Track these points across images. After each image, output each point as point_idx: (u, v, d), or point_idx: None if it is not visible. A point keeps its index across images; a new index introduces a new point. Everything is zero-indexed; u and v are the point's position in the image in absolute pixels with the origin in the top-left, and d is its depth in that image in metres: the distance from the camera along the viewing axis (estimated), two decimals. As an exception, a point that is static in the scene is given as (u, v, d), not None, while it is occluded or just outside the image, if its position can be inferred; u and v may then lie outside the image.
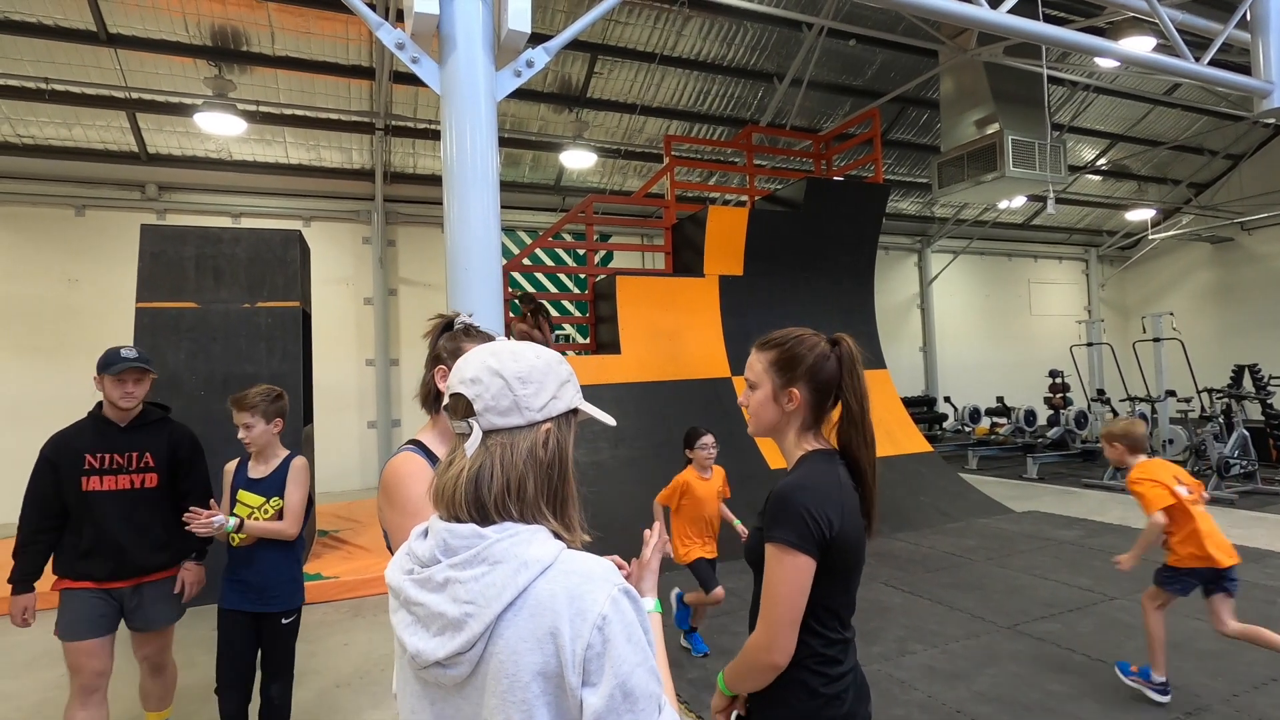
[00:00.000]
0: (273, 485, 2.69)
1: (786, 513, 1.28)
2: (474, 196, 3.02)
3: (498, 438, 0.88)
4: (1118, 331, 17.10)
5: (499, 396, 0.88)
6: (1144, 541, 3.18)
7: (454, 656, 0.80)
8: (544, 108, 9.93)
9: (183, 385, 5.38)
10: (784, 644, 1.27)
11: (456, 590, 0.81)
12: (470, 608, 0.80)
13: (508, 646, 0.79)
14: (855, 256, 8.72)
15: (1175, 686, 3.30)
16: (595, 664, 0.78)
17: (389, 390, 10.71)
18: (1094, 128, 12.78)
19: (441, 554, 0.85)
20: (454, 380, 0.92)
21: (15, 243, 9.06)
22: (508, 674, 0.79)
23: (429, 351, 1.66)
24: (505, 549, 0.82)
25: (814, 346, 1.40)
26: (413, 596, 0.85)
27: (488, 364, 0.90)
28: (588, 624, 0.79)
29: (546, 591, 0.81)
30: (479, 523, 0.85)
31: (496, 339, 1.70)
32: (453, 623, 0.81)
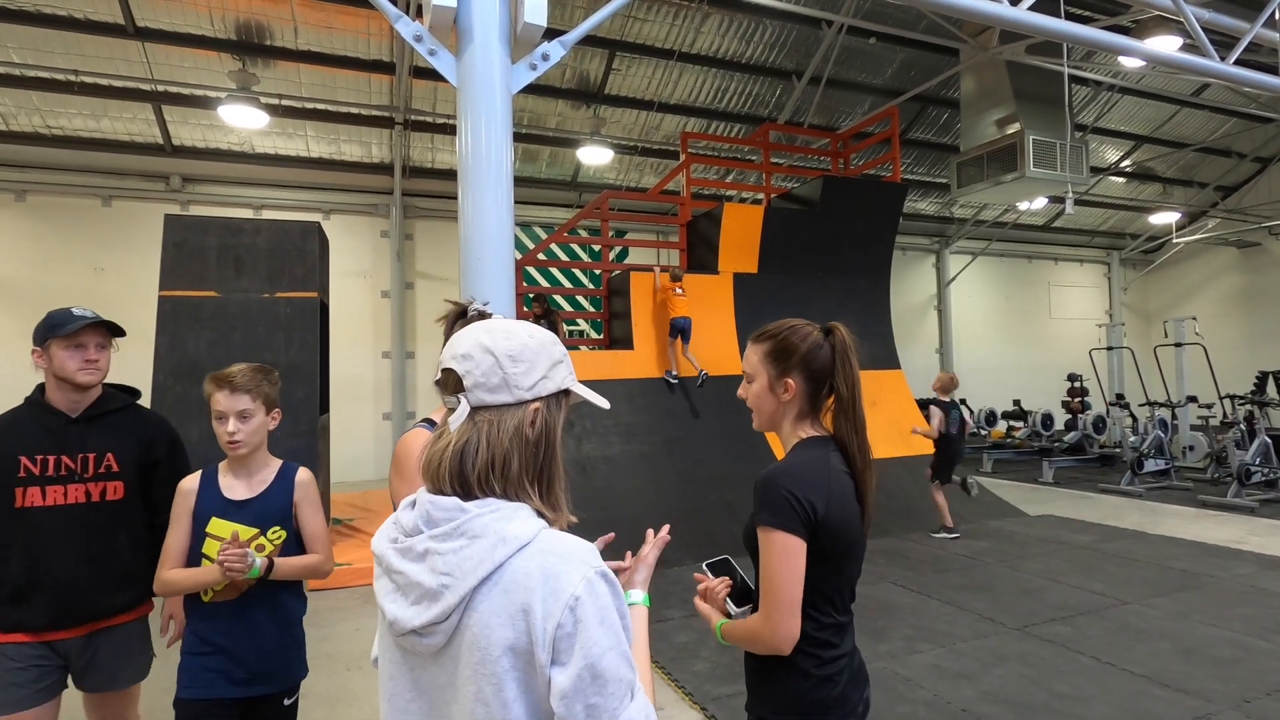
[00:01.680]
0: (268, 509, 1.89)
1: (770, 496, 1.31)
2: (488, 189, 3.06)
3: (485, 414, 0.88)
4: (1139, 336, 16.85)
5: (489, 373, 0.88)
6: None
7: (430, 625, 0.81)
8: (562, 104, 9.97)
9: (202, 373, 5.43)
10: (787, 627, 1.27)
11: (435, 561, 0.82)
12: (447, 579, 0.81)
13: (481, 620, 0.80)
14: (872, 256, 8.67)
15: (1188, 691, 3.26)
16: (565, 643, 0.79)
17: (404, 382, 10.82)
18: (1118, 129, 12.59)
19: (424, 525, 0.86)
20: (446, 355, 0.93)
21: (44, 232, 9.27)
22: (480, 646, 0.80)
23: (444, 338, 1.70)
24: (485, 524, 0.83)
25: (807, 336, 1.42)
26: (394, 564, 0.86)
27: (480, 340, 0.91)
28: (560, 603, 0.79)
29: (522, 569, 0.81)
30: (462, 497, 0.86)
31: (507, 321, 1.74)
32: (429, 593, 0.82)
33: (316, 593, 5.10)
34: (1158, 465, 8.70)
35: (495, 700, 0.79)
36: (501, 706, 0.79)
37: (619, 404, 6.76)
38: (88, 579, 1.95)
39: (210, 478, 1.91)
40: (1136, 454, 8.68)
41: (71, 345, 1.94)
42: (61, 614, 1.94)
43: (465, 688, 0.81)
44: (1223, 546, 5.86)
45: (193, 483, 1.90)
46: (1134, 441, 9.19)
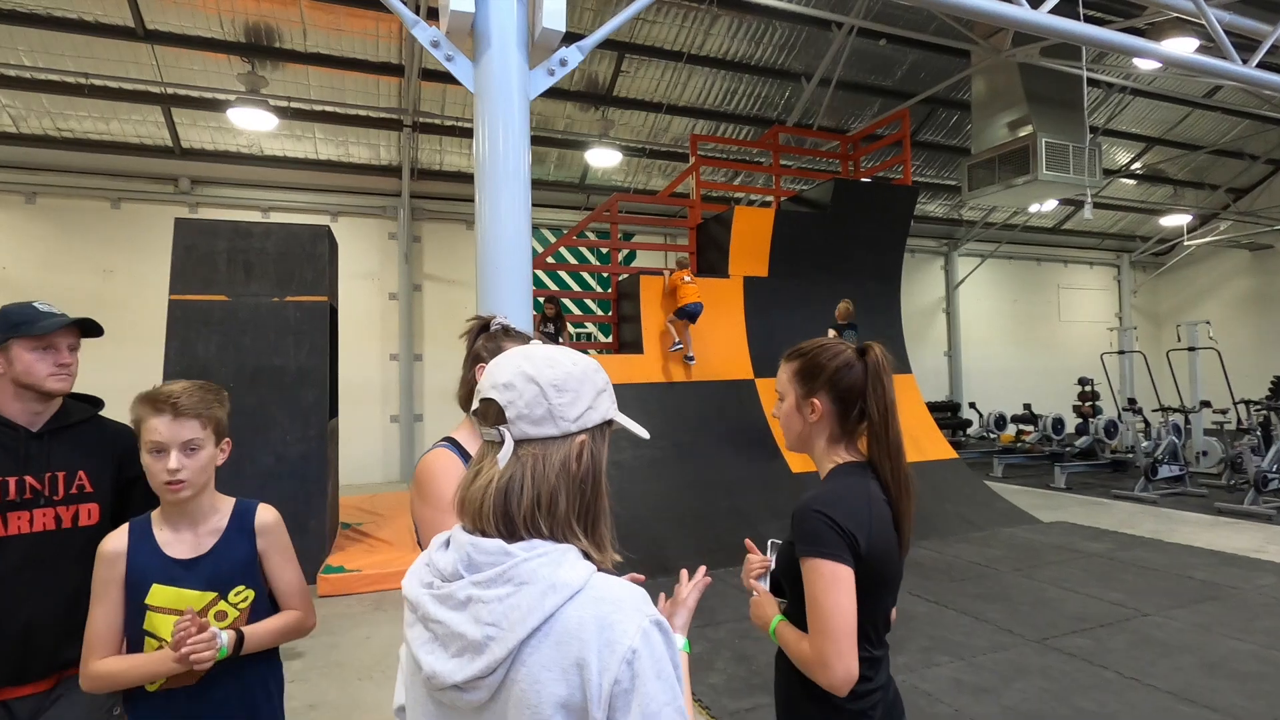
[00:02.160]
0: (226, 565, 1.50)
1: (811, 526, 1.26)
2: (506, 195, 3.02)
3: (530, 448, 0.83)
4: (1149, 339, 16.72)
5: (533, 405, 0.83)
6: None
7: (473, 681, 0.76)
8: (570, 106, 9.94)
9: (213, 377, 5.44)
10: (846, 663, 1.21)
11: (479, 610, 0.77)
12: (493, 630, 0.76)
13: (530, 675, 0.75)
14: (882, 259, 8.61)
15: (1215, 708, 3.20)
16: (622, 700, 0.74)
17: (412, 385, 10.79)
18: (1130, 130, 12.50)
19: (465, 569, 0.80)
20: (485, 384, 0.87)
21: (53, 234, 9.28)
22: (530, 704, 0.74)
23: (467, 351, 1.66)
24: (533, 569, 0.78)
25: (837, 355, 1.37)
26: (432, 613, 0.80)
27: (522, 369, 0.85)
28: (616, 657, 0.74)
29: (575, 618, 0.76)
30: (506, 538, 0.81)
31: (533, 342, 1.69)
32: (473, 645, 0.76)
33: (325, 599, 5.07)
34: (1172, 471, 8.61)
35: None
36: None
37: (629, 408, 6.64)
38: (58, 621, 1.61)
39: (142, 532, 1.47)
40: (1150, 459, 8.60)
41: (40, 347, 1.66)
42: (25, 665, 1.58)
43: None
44: (1242, 555, 5.79)
45: (119, 541, 1.46)
46: (1147, 447, 9.10)
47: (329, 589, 5.16)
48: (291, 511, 5.46)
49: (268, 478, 5.44)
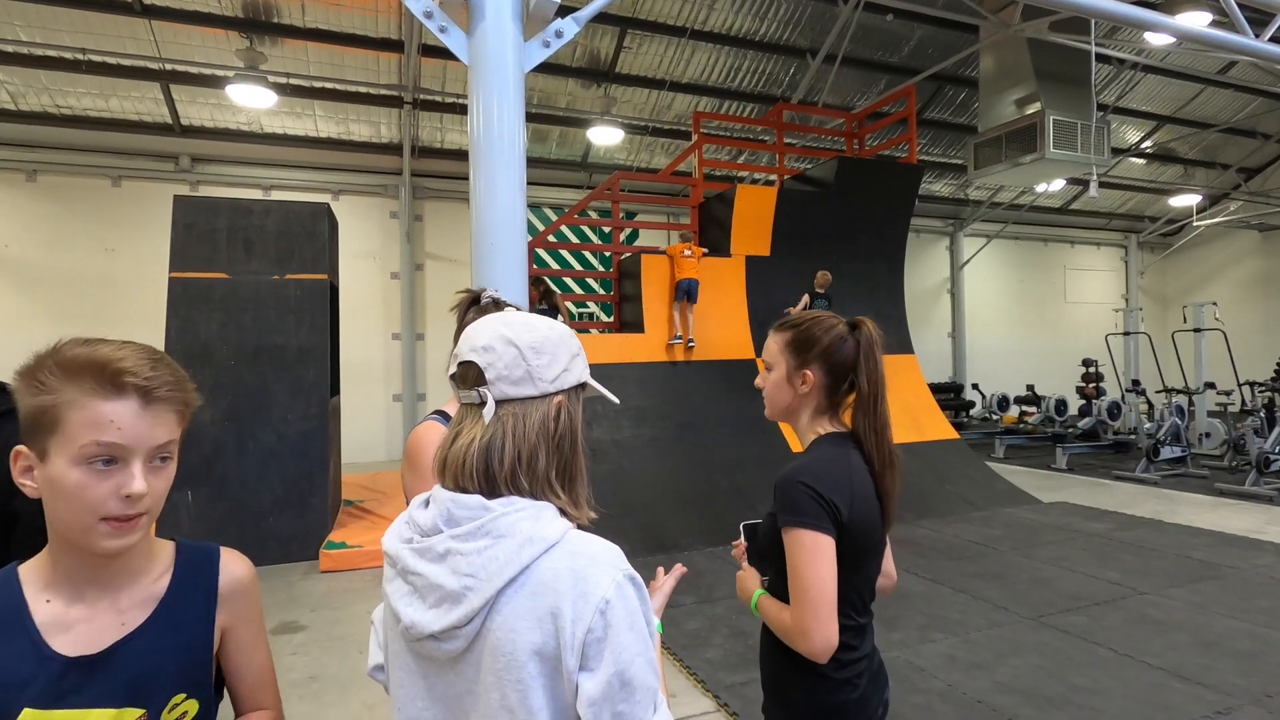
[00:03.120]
0: (157, 661, 0.88)
1: (792, 495, 1.26)
2: (501, 169, 2.99)
3: (510, 408, 0.85)
4: (1156, 321, 16.62)
5: (512, 366, 0.85)
6: None
7: (450, 630, 0.78)
8: (572, 82, 9.82)
9: (214, 355, 5.48)
10: (825, 632, 1.22)
11: (457, 562, 0.79)
12: (471, 581, 0.77)
13: (506, 624, 0.77)
14: (885, 239, 8.54)
15: (1208, 685, 3.22)
16: (595, 648, 0.76)
17: (414, 364, 10.81)
18: (1140, 108, 12.30)
19: (444, 524, 0.82)
20: (464, 348, 0.88)
21: (55, 212, 9.27)
22: (505, 651, 0.77)
23: (458, 324, 1.66)
24: (511, 523, 0.79)
25: (831, 328, 1.37)
26: (411, 566, 0.82)
27: (500, 332, 0.86)
28: (590, 606, 0.76)
29: (550, 570, 0.78)
30: (485, 495, 0.82)
31: (524, 310, 1.69)
32: (451, 595, 0.78)
33: (329, 574, 5.13)
34: (1174, 452, 8.60)
35: (521, 707, 0.76)
36: (527, 713, 0.76)
37: (629, 387, 6.72)
38: None
39: (11, 609, 0.84)
40: (1153, 441, 8.58)
41: None
42: None
43: (488, 694, 0.78)
44: (1241, 536, 5.79)
45: None
46: (1150, 428, 9.08)
47: (331, 564, 5.22)
48: (294, 489, 5.53)
49: (269, 456, 5.49)
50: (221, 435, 5.39)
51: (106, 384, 0.82)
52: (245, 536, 5.35)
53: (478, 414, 0.85)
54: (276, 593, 4.75)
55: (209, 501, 5.31)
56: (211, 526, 5.28)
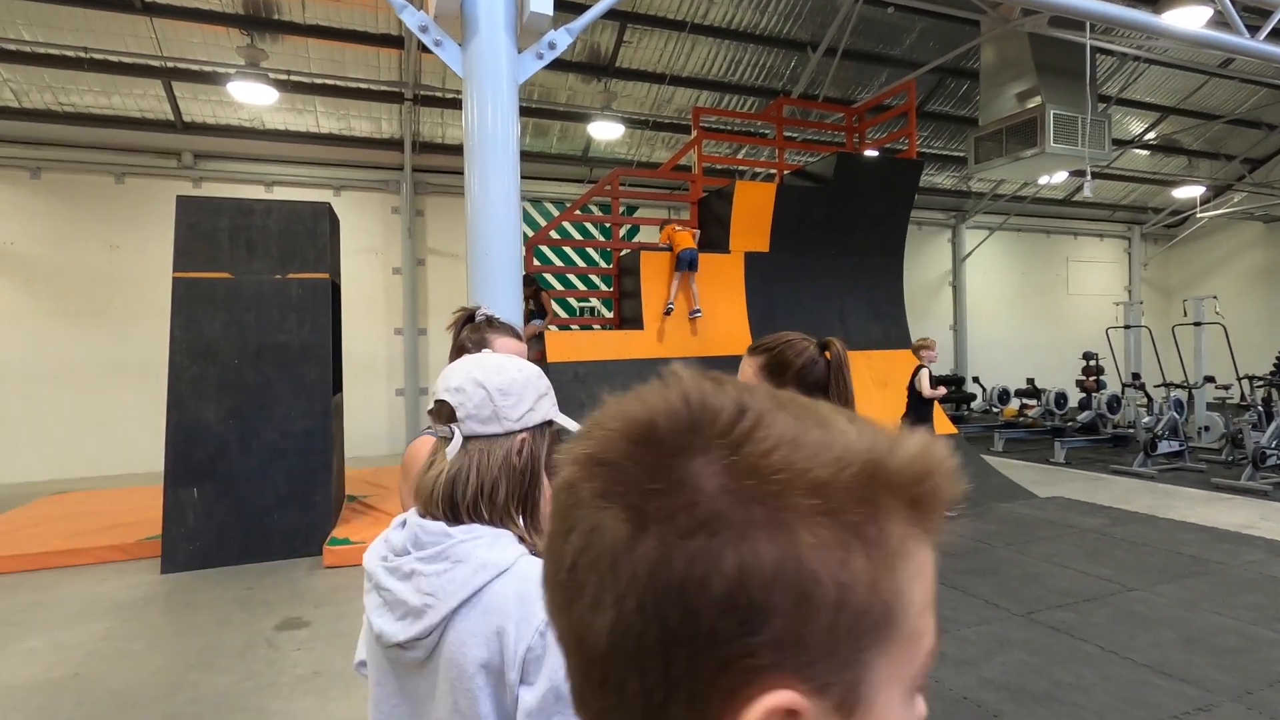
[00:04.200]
0: None
1: None
2: (495, 178, 3.04)
3: (477, 444, 0.94)
4: (1158, 313, 16.59)
5: (481, 406, 0.94)
6: None
7: (413, 640, 0.88)
8: (572, 77, 9.83)
9: (218, 354, 5.56)
10: None
11: (420, 582, 0.89)
12: (430, 599, 0.87)
13: (458, 639, 0.87)
14: (885, 233, 8.56)
15: (1189, 681, 3.29)
16: (534, 665, 0.85)
17: (416, 359, 10.90)
18: (1143, 100, 12.24)
19: (411, 546, 0.92)
20: (440, 387, 0.98)
21: (59, 209, 9.34)
22: (457, 663, 0.87)
23: (453, 342, 1.73)
24: (468, 549, 0.89)
25: (802, 351, 1.44)
26: (382, 582, 0.93)
27: (473, 375, 0.96)
28: (531, 627, 0.85)
29: (500, 594, 0.87)
30: (450, 522, 0.92)
31: (516, 329, 1.77)
32: (414, 610, 0.88)
33: (333, 570, 5.22)
34: (1172, 447, 8.63)
35: (470, 712, 0.86)
36: (476, 719, 0.86)
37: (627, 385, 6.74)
38: None
39: None
40: (1150, 435, 8.62)
41: None
42: None
43: (444, 700, 0.88)
44: (1233, 532, 5.84)
45: None
46: (1148, 422, 9.12)
47: (335, 560, 5.31)
48: (297, 485, 5.62)
49: (273, 453, 5.57)
50: (225, 433, 5.48)
51: None
52: (250, 533, 5.46)
53: (444, 447, 0.95)
54: (281, 588, 4.84)
55: (214, 499, 5.40)
56: (217, 522, 5.38)
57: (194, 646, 3.92)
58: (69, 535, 5.80)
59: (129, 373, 9.32)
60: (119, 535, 5.77)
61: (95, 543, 5.58)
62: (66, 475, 9.15)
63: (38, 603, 4.62)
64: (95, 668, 3.68)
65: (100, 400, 9.27)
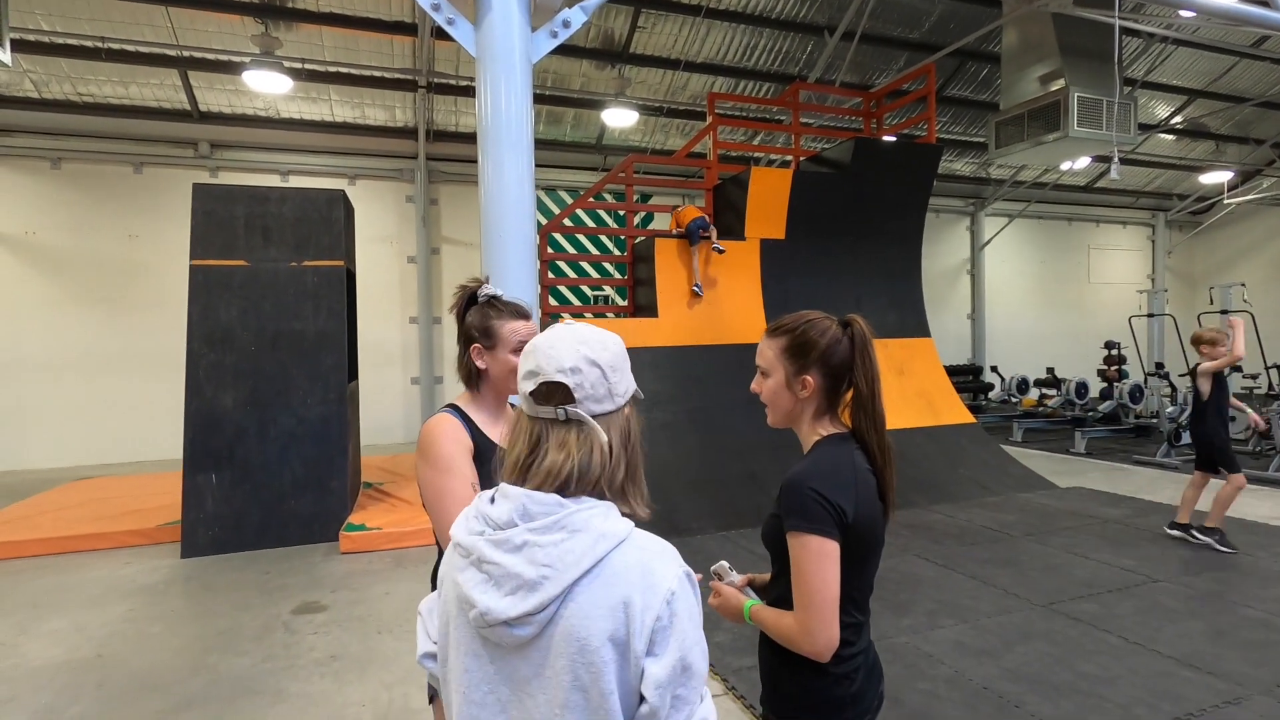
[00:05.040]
0: None
1: (799, 500, 1.28)
2: (509, 160, 3.00)
3: (592, 425, 0.92)
4: (1182, 302, 16.26)
5: (596, 385, 0.92)
6: None
7: (524, 616, 0.83)
8: (586, 64, 9.75)
9: (235, 341, 5.59)
10: (828, 635, 1.25)
11: (535, 553, 0.84)
12: (548, 570, 0.83)
13: (581, 611, 0.83)
14: (903, 220, 8.42)
15: (1218, 674, 3.22)
16: (661, 635, 0.83)
17: (431, 348, 10.93)
18: (1170, 83, 11.93)
19: (519, 518, 0.87)
20: (548, 368, 0.92)
21: (78, 199, 9.43)
22: (579, 637, 0.82)
23: (458, 328, 1.68)
24: (585, 519, 0.86)
25: (826, 330, 1.38)
26: (488, 555, 0.86)
27: (583, 353, 0.93)
28: (658, 597, 0.84)
29: (621, 563, 0.85)
30: (560, 495, 0.90)
31: (521, 305, 1.69)
32: (528, 583, 0.83)
33: (349, 555, 5.26)
34: (1196, 437, 8.45)
35: (594, 688, 0.82)
36: (599, 695, 0.82)
37: (642, 372, 6.72)
38: None
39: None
40: (1174, 425, 8.45)
41: None
42: None
43: (558, 677, 0.83)
44: (1261, 523, 5.72)
45: None
46: (1172, 412, 8.94)
47: (351, 546, 5.34)
48: (313, 472, 5.66)
49: (290, 439, 5.61)
50: (243, 420, 5.51)
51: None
52: (267, 518, 5.50)
53: (561, 430, 0.91)
54: (298, 573, 4.88)
55: (232, 484, 5.44)
56: (235, 508, 5.43)
57: (213, 629, 3.95)
58: (92, 520, 5.88)
59: (148, 360, 9.42)
60: (140, 520, 5.84)
61: (117, 527, 5.66)
62: (88, 461, 9.29)
63: (62, 585, 4.69)
64: (117, 649, 3.72)
65: (120, 387, 9.39)
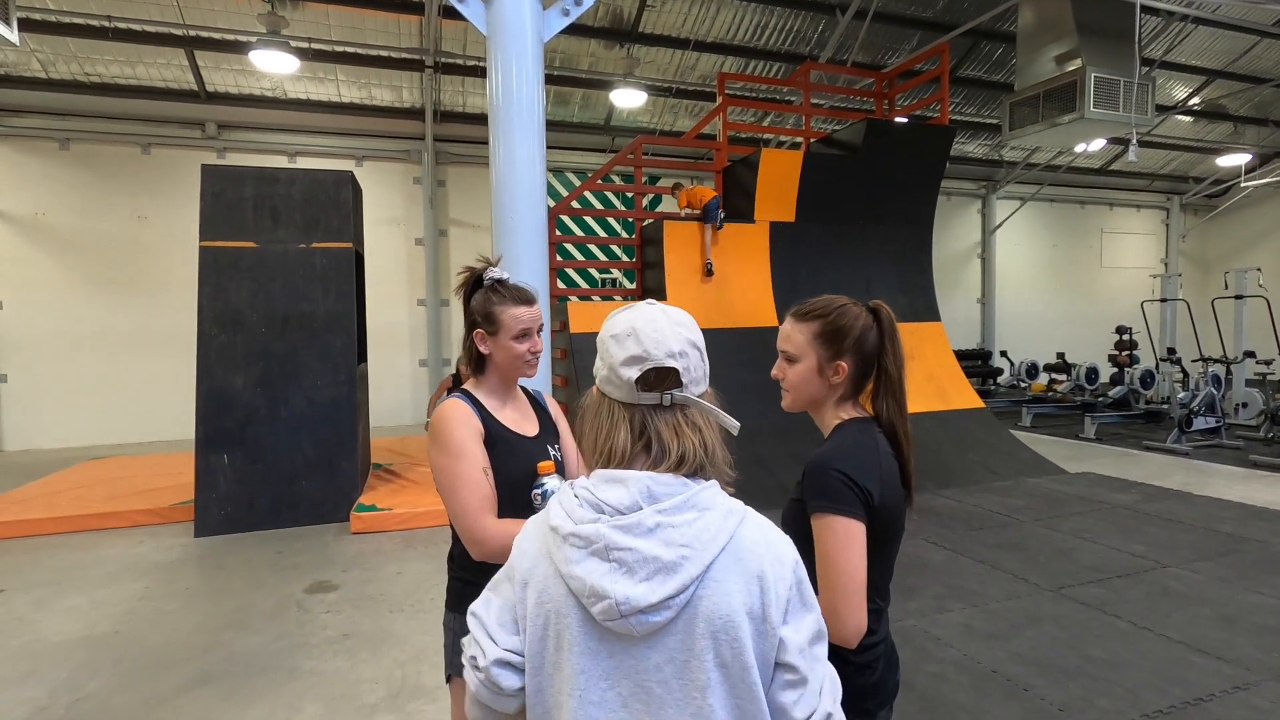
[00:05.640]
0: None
1: (824, 481, 1.26)
2: (520, 140, 2.97)
3: (699, 404, 0.94)
4: (1196, 287, 16.09)
5: (697, 367, 0.94)
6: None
7: (665, 601, 0.81)
8: (594, 43, 9.64)
9: (245, 323, 5.60)
10: (857, 618, 1.22)
11: (669, 534, 0.83)
12: (686, 550, 0.82)
13: (722, 588, 0.83)
14: (914, 203, 8.34)
15: (1227, 659, 3.22)
16: (795, 603, 0.86)
17: (439, 330, 10.94)
18: (1189, 62, 11.71)
19: (645, 500, 0.85)
20: (657, 353, 0.91)
21: (88, 180, 9.44)
22: (721, 614, 0.82)
23: (465, 308, 1.66)
24: (710, 497, 0.87)
25: (858, 317, 1.37)
26: (617, 541, 0.83)
27: (684, 336, 0.94)
28: (786, 568, 0.86)
29: (749, 537, 0.86)
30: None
31: (526, 290, 1.66)
32: (666, 566, 0.81)
33: (359, 535, 5.30)
34: (1208, 423, 8.42)
35: (735, 663, 0.82)
36: (741, 669, 0.82)
37: (651, 356, 6.72)
38: None
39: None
40: (1185, 411, 8.40)
41: None
42: None
43: (699, 659, 0.82)
44: (1273, 509, 5.69)
45: None
46: (1184, 398, 8.88)
47: (362, 526, 5.39)
48: (324, 453, 5.69)
49: (300, 421, 5.64)
50: (254, 401, 5.54)
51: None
52: (279, 498, 5.55)
53: (666, 415, 0.91)
54: (310, 553, 4.93)
55: (244, 464, 5.49)
56: (246, 488, 5.48)
57: (227, 607, 4.01)
58: (106, 499, 5.95)
59: (159, 341, 9.47)
60: (154, 499, 5.91)
61: (131, 506, 5.72)
62: (102, 441, 9.38)
63: (79, 562, 4.75)
64: (134, 625, 3.77)
65: (132, 368, 9.46)
